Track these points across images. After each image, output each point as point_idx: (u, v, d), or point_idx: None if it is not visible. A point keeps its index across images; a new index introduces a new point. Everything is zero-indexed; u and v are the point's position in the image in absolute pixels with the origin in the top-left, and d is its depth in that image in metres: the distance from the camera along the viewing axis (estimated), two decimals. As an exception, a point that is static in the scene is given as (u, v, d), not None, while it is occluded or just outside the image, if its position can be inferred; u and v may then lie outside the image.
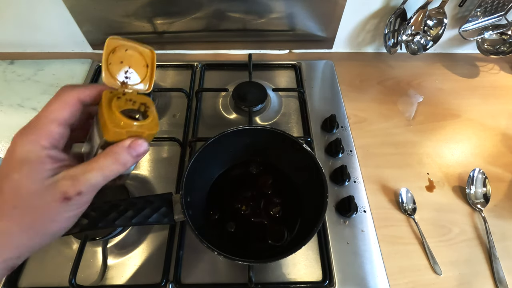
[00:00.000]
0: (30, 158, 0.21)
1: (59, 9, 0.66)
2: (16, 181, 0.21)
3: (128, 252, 0.47)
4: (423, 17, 0.66)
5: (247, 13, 0.68)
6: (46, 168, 0.21)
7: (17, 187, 0.21)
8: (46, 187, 0.21)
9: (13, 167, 0.21)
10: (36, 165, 0.21)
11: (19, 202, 0.21)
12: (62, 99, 0.23)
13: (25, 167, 0.21)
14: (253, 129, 0.50)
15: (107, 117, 0.23)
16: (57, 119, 0.23)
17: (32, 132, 0.22)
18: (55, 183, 0.21)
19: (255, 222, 0.48)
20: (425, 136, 0.63)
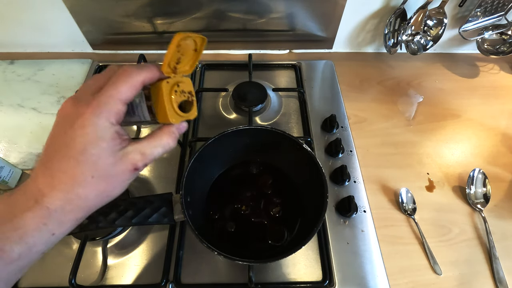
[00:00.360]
0: (105, 135, 0.25)
1: (59, 9, 0.66)
2: (94, 155, 0.24)
3: (128, 252, 0.47)
4: (423, 17, 0.66)
5: (247, 13, 0.68)
6: (116, 143, 0.25)
7: (95, 160, 0.24)
8: (119, 159, 0.25)
9: (89, 142, 0.24)
10: (110, 141, 0.25)
11: (96, 172, 0.25)
12: (130, 81, 0.25)
13: (101, 142, 0.24)
14: (253, 129, 0.50)
15: (168, 112, 0.27)
16: (124, 100, 0.25)
17: (105, 110, 0.24)
18: (126, 156, 0.26)
19: (255, 222, 0.48)
20: (425, 136, 0.63)
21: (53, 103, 0.66)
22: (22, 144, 0.59)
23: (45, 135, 0.26)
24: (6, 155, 0.57)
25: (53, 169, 0.24)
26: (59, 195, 0.24)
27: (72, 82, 0.69)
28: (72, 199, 0.25)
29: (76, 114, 0.24)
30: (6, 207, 0.24)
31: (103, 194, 0.26)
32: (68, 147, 0.24)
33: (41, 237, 0.24)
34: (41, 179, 0.24)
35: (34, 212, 0.24)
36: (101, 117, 0.24)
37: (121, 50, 0.77)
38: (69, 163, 0.24)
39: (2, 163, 0.51)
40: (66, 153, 0.24)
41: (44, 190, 0.24)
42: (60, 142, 0.25)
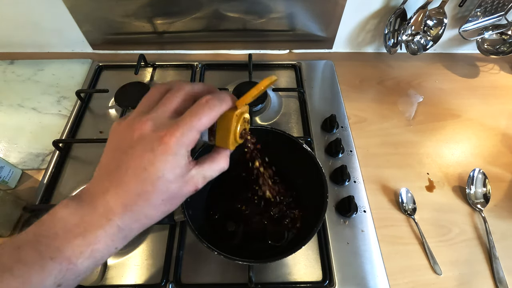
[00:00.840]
0: (181, 163, 0.26)
1: (59, 9, 0.66)
2: (169, 181, 0.25)
3: (128, 252, 0.47)
4: (423, 17, 0.66)
5: (247, 13, 0.68)
6: (187, 168, 0.27)
7: (169, 185, 0.26)
8: (185, 182, 0.27)
9: (168, 169, 0.25)
10: (184, 167, 0.26)
11: (166, 196, 0.26)
12: (212, 115, 0.26)
13: (178, 170, 0.26)
14: (253, 129, 0.50)
15: (231, 140, 0.30)
16: (202, 130, 0.26)
17: (186, 139, 0.25)
18: (191, 179, 0.27)
19: (255, 222, 0.48)
20: (425, 136, 0.63)
21: (53, 103, 0.66)
22: (22, 144, 0.59)
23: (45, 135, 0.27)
24: (6, 155, 0.57)
25: (126, 189, 0.25)
26: (130, 215, 0.25)
27: (72, 82, 0.69)
28: (141, 219, 0.26)
29: (158, 139, 0.25)
30: (77, 220, 0.24)
31: (165, 213, 0.27)
32: (147, 171, 0.25)
33: (108, 251, 0.26)
34: (112, 197, 0.25)
35: (106, 231, 0.25)
36: (183, 147, 0.25)
37: (121, 50, 0.77)
38: (145, 186, 0.25)
39: (2, 163, 0.51)
40: (143, 176, 0.25)
41: (116, 210, 0.25)
42: (136, 163, 0.25)
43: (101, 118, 0.64)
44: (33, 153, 0.58)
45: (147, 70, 0.72)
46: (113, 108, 0.65)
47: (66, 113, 0.64)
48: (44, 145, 0.58)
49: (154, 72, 0.72)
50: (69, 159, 0.58)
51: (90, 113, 0.65)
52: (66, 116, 0.63)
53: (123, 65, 0.73)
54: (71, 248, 0.24)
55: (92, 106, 0.66)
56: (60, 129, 0.61)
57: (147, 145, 0.25)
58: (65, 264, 0.23)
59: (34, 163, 0.57)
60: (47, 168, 0.55)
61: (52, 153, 0.57)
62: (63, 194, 0.53)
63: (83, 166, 0.57)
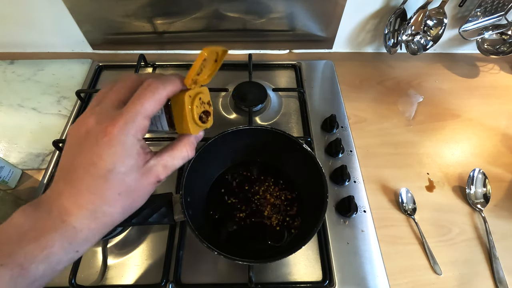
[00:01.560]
0: (132, 152, 0.25)
1: (59, 9, 0.66)
2: (122, 173, 0.24)
3: (128, 252, 0.47)
4: (423, 17, 0.66)
5: (247, 13, 0.68)
6: (141, 159, 0.25)
7: (123, 178, 0.24)
8: (143, 173, 0.26)
9: (118, 160, 0.24)
10: (136, 157, 0.25)
11: (122, 189, 0.25)
12: (156, 97, 0.25)
13: (129, 160, 0.24)
14: (253, 129, 0.50)
15: (190, 124, 0.28)
16: (150, 115, 0.25)
17: (132, 128, 0.24)
18: (150, 169, 0.26)
19: (255, 222, 0.48)
20: (425, 136, 0.63)
21: (53, 103, 0.66)
22: (22, 144, 0.59)
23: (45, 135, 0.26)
24: (6, 155, 0.57)
25: (80, 188, 0.24)
26: (86, 214, 0.24)
27: (72, 82, 0.69)
28: (99, 217, 0.25)
29: (101, 131, 0.24)
30: (31, 225, 0.23)
31: (127, 209, 0.26)
32: (96, 166, 0.24)
33: (66, 255, 0.24)
34: (66, 198, 0.24)
35: (61, 233, 0.23)
36: (129, 135, 0.24)
37: (121, 50, 0.77)
38: (97, 182, 0.24)
39: (2, 163, 0.51)
40: (93, 172, 0.24)
41: (71, 210, 0.24)
42: (85, 159, 0.24)
43: (101, 118, 0.64)
44: (33, 153, 0.58)
45: (147, 70, 0.72)
46: (113, 108, 0.65)
47: (66, 113, 0.64)
48: (44, 145, 0.58)
49: (154, 72, 0.72)
50: (69, 159, 0.57)
51: (90, 113, 0.65)
52: (66, 116, 0.63)
53: (123, 65, 0.73)
54: (23, 253, 0.22)
55: (92, 106, 0.66)
56: (60, 129, 0.61)
57: (93, 139, 0.24)
58: (17, 270, 0.22)
59: (34, 163, 0.56)
60: (47, 168, 0.55)
61: (52, 153, 0.57)
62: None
63: (83, 166, 0.57)
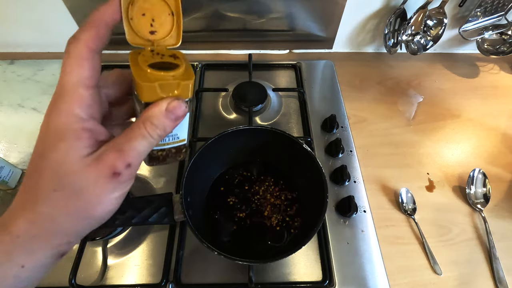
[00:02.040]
0: (65, 133, 0.19)
1: (59, 9, 0.66)
2: (53, 161, 0.19)
3: (128, 252, 0.47)
4: (423, 17, 0.66)
5: (247, 13, 0.68)
6: (84, 145, 0.19)
7: (55, 168, 0.19)
8: (88, 165, 0.19)
9: (48, 145, 0.19)
10: (72, 141, 0.19)
11: (59, 185, 0.19)
12: (72, 55, 0.19)
13: (61, 144, 0.18)
14: (253, 129, 0.50)
15: (135, 73, 0.20)
16: (81, 81, 0.19)
17: (63, 101, 0.19)
18: (99, 159, 0.19)
19: (255, 222, 0.48)
20: (425, 136, 0.63)
21: (53, 103, 0.66)
22: (22, 144, 0.59)
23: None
24: (6, 155, 0.57)
25: (23, 184, 0.20)
26: (23, 216, 0.19)
27: (72, 82, 0.69)
28: (36, 220, 0.19)
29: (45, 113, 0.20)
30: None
31: (76, 214, 0.20)
32: (32, 158, 0.20)
33: (8, 270, 0.19)
34: (15, 200, 0.20)
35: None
36: (60, 110, 0.19)
37: (121, 50, 0.77)
38: (32, 174, 0.19)
39: (2, 163, 0.51)
40: (30, 166, 0.19)
41: (14, 213, 0.19)
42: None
43: (101, 118, 0.64)
44: (33, 153, 0.58)
45: (147, 70, 0.72)
46: (113, 108, 0.65)
47: (66, 113, 0.64)
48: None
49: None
50: (69, 159, 0.57)
51: (90, 113, 0.65)
52: (66, 116, 0.63)
53: (123, 65, 0.73)
54: None
55: (92, 106, 0.66)
56: (60, 129, 0.61)
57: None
58: None
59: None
60: (47, 168, 0.55)
61: (52, 153, 0.57)
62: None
63: (83, 166, 0.57)
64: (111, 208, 0.21)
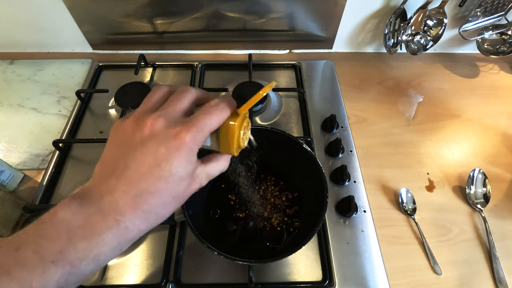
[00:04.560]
0: (193, 160, 0.26)
1: (59, 9, 0.66)
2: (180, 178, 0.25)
3: (128, 252, 0.47)
4: (423, 17, 0.66)
5: (247, 13, 0.68)
6: (195, 166, 0.26)
7: (179, 182, 0.25)
8: (192, 179, 0.27)
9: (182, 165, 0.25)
10: (194, 164, 0.26)
11: (176, 193, 0.26)
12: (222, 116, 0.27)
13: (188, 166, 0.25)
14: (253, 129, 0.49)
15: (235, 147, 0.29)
16: (212, 131, 0.26)
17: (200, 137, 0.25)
18: (197, 177, 0.27)
19: (255, 222, 0.48)
20: (425, 136, 0.63)
21: (53, 103, 0.66)
22: (22, 144, 0.59)
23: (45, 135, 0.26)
24: (6, 155, 0.57)
25: (139, 188, 0.24)
26: (140, 215, 0.24)
27: (72, 82, 0.69)
28: (150, 218, 0.25)
29: (172, 135, 0.24)
30: (82, 221, 0.23)
31: (173, 210, 0.27)
32: (160, 168, 0.24)
33: (113, 254, 0.24)
34: (121, 196, 0.24)
35: (113, 233, 0.23)
36: (197, 143, 0.25)
37: (121, 50, 0.77)
38: (158, 184, 0.24)
39: (3, 167, 0.51)
40: (156, 173, 0.24)
41: (125, 210, 0.24)
42: (148, 160, 0.24)
43: (101, 118, 0.64)
44: (33, 153, 0.58)
45: (147, 70, 0.72)
46: (113, 108, 0.65)
47: (66, 113, 0.64)
48: (44, 145, 0.58)
49: (154, 72, 0.72)
50: (69, 159, 0.58)
51: (90, 113, 0.65)
52: (66, 116, 0.63)
53: (123, 65, 0.73)
54: (74, 251, 0.22)
55: (92, 106, 0.66)
56: (60, 129, 0.61)
57: (161, 141, 0.24)
58: (68, 267, 0.22)
59: (34, 163, 0.56)
60: (47, 168, 0.55)
61: (52, 153, 0.57)
62: (63, 194, 0.53)
63: (83, 166, 0.57)
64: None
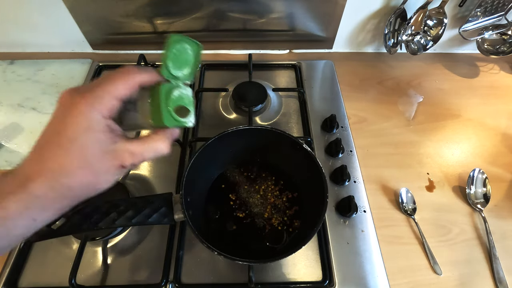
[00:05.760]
0: (95, 127, 0.25)
1: (59, 9, 0.66)
2: (83, 146, 0.24)
3: (128, 252, 0.47)
4: (423, 17, 0.66)
5: (247, 13, 0.68)
6: (107, 137, 0.25)
7: (83, 151, 0.25)
8: (106, 153, 0.25)
9: (80, 131, 0.24)
10: (100, 133, 0.25)
11: (83, 163, 0.25)
12: (128, 81, 0.26)
13: (91, 133, 0.25)
14: (253, 129, 0.50)
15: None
16: (119, 96, 0.26)
17: (98, 102, 0.25)
18: (115, 151, 0.26)
19: (255, 222, 0.48)
20: (425, 136, 0.63)
21: (53, 103, 0.65)
22: (22, 144, 0.59)
23: (45, 135, 0.26)
24: (6, 155, 0.57)
25: (43, 155, 0.25)
26: (44, 181, 0.24)
27: (72, 82, 0.69)
28: (57, 187, 0.25)
29: (71, 103, 0.25)
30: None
31: (88, 186, 0.26)
32: (59, 135, 0.25)
33: (22, 221, 0.24)
34: (29, 165, 0.25)
35: (16, 196, 0.24)
36: (93, 109, 0.25)
37: (121, 50, 0.77)
38: (58, 151, 0.25)
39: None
40: (56, 141, 0.25)
41: (31, 176, 0.24)
42: (53, 129, 0.25)
43: (101, 118, 0.64)
44: (33, 153, 0.58)
45: (147, 70, 0.72)
46: (113, 108, 0.65)
47: (66, 113, 0.64)
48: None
49: (154, 72, 0.72)
50: (69, 159, 0.57)
51: (90, 113, 0.65)
52: (66, 116, 0.63)
53: (123, 65, 0.72)
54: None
55: (92, 106, 0.66)
56: (60, 129, 0.61)
57: (63, 110, 0.25)
58: None
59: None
60: (47, 168, 0.55)
61: (52, 153, 0.57)
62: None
63: (83, 166, 0.57)
64: (109, 186, 0.27)
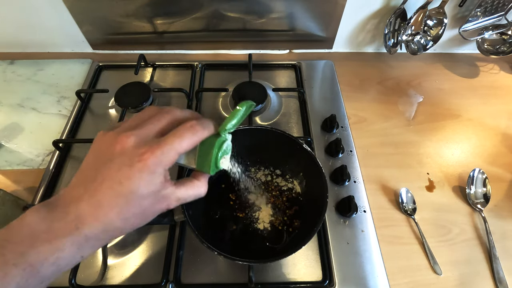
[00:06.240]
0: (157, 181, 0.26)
1: (59, 9, 0.66)
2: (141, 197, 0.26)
3: (128, 252, 0.47)
4: (423, 17, 0.66)
5: (247, 13, 0.68)
6: (162, 186, 0.27)
7: (141, 201, 0.26)
8: (158, 199, 0.27)
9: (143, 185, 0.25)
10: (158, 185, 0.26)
11: (138, 211, 0.27)
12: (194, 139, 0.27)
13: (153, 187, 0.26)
14: (253, 129, 0.50)
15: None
16: (182, 152, 0.27)
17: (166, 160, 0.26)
18: (165, 198, 0.28)
19: (255, 222, 0.48)
20: (425, 136, 0.63)
21: (53, 103, 0.66)
22: (22, 144, 0.59)
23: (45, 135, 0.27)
24: (6, 155, 0.57)
25: (100, 201, 0.25)
26: (99, 226, 0.25)
27: (72, 82, 0.69)
28: (110, 230, 0.26)
29: (137, 155, 0.25)
30: (46, 226, 0.24)
31: (134, 226, 0.28)
32: (122, 185, 0.25)
33: (73, 259, 0.26)
34: (84, 205, 0.25)
35: (73, 239, 0.25)
36: (160, 166, 0.26)
37: (121, 50, 0.77)
38: (118, 199, 0.25)
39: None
40: (117, 190, 0.25)
41: (86, 219, 0.25)
42: (113, 176, 0.25)
43: (101, 118, 0.64)
44: (33, 153, 0.58)
45: (147, 70, 0.72)
46: (113, 108, 0.65)
47: (66, 113, 0.64)
48: (44, 145, 0.58)
49: (154, 72, 0.72)
50: (69, 159, 0.58)
51: (90, 113, 0.65)
52: (66, 116, 0.63)
53: (123, 65, 0.73)
54: (35, 254, 0.24)
55: (92, 106, 0.66)
56: (60, 129, 0.61)
57: (126, 160, 0.25)
58: (29, 269, 0.23)
59: (34, 163, 0.56)
60: (47, 168, 0.55)
61: (52, 153, 0.57)
62: (63, 194, 0.53)
63: (83, 166, 0.57)
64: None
